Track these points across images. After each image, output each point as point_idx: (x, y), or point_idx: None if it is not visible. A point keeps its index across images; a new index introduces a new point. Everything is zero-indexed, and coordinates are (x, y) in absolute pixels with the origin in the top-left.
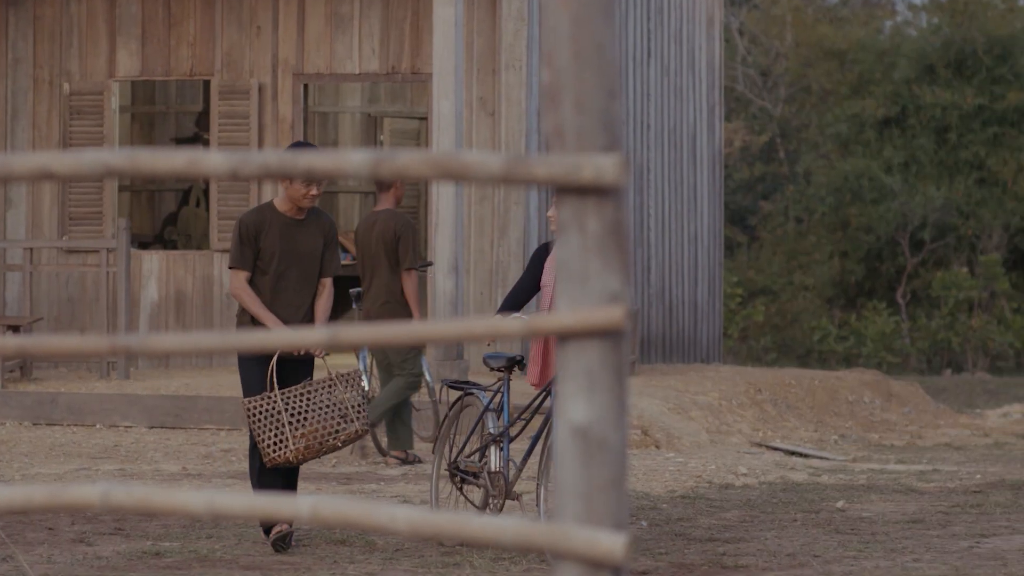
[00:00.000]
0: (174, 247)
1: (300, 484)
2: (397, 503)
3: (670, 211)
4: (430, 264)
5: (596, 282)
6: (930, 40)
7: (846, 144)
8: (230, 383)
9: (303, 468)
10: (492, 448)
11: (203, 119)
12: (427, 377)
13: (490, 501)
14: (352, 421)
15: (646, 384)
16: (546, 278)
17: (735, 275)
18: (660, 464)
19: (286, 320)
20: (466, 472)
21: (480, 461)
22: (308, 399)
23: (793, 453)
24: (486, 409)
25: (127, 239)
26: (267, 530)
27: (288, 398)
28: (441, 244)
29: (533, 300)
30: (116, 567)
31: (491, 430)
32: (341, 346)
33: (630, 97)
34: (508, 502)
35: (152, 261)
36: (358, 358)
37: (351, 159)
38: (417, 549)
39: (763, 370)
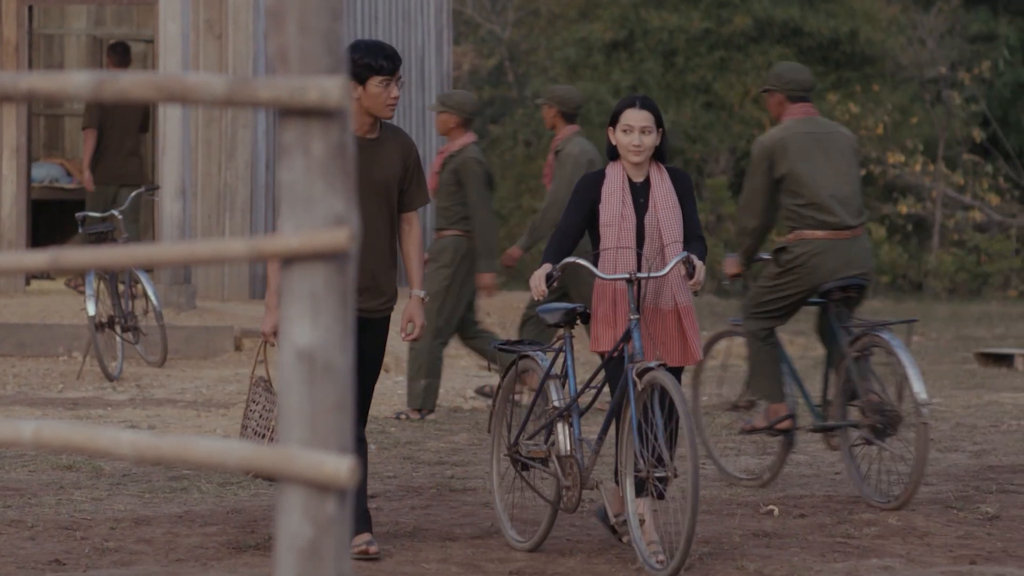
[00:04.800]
0: None
1: (25, 409)
2: (122, 427)
3: None
4: (157, 188)
5: (321, 205)
6: None
7: (574, 68)
8: None
9: (29, 393)
10: (559, 425)
11: None
12: (153, 301)
13: (563, 494)
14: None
15: None
16: (607, 214)
17: None
18: (388, 388)
19: (362, 270)
20: (530, 459)
21: (547, 442)
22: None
23: None
24: (547, 375)
25: None
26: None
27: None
28: (168, 167)
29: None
30: None
31: (556, 402)
32: (64, 270)
33: (357, 20)
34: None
35: None
36: (84, 282)
37: (73, 80)
38: (145, 474)
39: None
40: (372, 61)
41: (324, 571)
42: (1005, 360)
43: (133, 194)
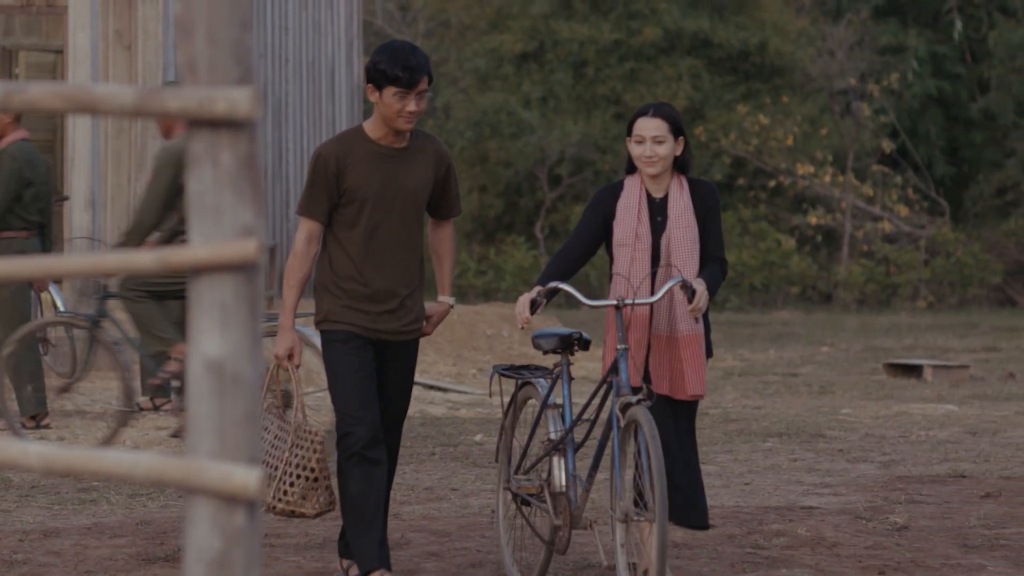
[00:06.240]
0: None
1: None
2: (30, 439)
3: (309, 145)
4: (66, 199)
5: (229, 216)
6: None
7: (485, 79)
8: None
9: None
10: (554, 459)
11: None
12: (61, 308)
13: (556, 534)
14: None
15: None
16: (621, 233)
17: None
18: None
19: (387, 289)
20: (528, 495)
21: (546, 477)
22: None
23: (432, 387)
24: (544, 404)
25: None
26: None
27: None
28: (77, 179)
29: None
30: None
31: (552, 434)
32: None
33: (267, 30)
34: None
35: None
36: None
37: None
38: (53, 486)
39: None
40: (388, 69)
41: None
42: (914, 371)
43: None
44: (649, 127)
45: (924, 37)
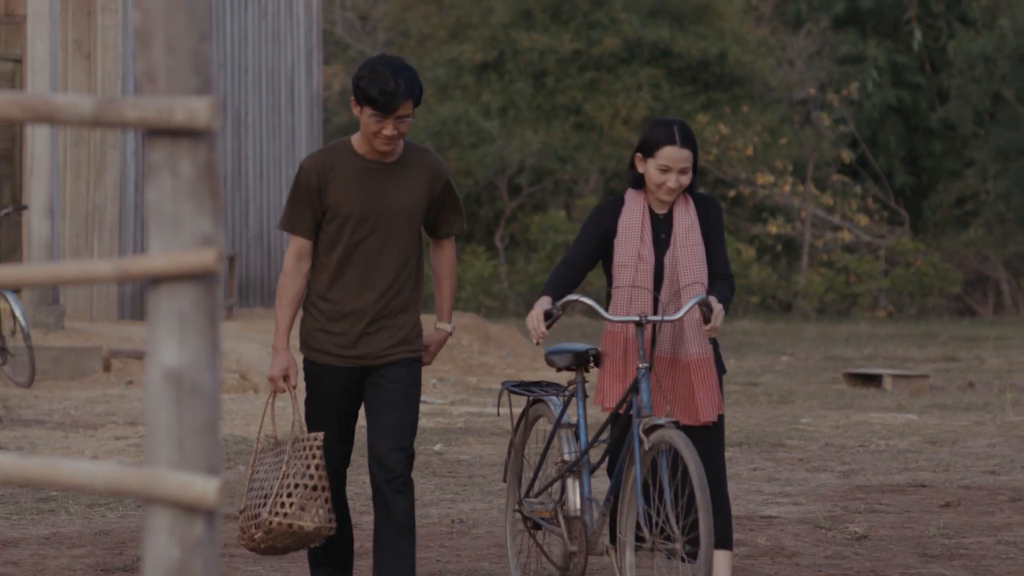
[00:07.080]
0: None
1: None
2: None
3: (269, 155)
4: (25, 207)
5: (188, 225)
6: None
7: (444, 88)
8: None
9: None
10: (569, 482)
11: None
12: (21, 321)
13: (571, 560)
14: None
15: (244, 328)
16: (623, 253)
17: None
18: (258, 408)
19: (362, 310)
20: (539, 519)
21: (559, 500)
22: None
23: None
24: (558, 423)
25: None
26: None
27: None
28: (36, 187)
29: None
30: None
31: (566, 455)
32: None
33: (227, 41)
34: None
35: None
36: None
37: None
38: (12, 496)
39: None
40: (367, 87)
41: None
42: (873, 380)
43: (2, 212)
44: (680, 158)
45: (884, 47)
